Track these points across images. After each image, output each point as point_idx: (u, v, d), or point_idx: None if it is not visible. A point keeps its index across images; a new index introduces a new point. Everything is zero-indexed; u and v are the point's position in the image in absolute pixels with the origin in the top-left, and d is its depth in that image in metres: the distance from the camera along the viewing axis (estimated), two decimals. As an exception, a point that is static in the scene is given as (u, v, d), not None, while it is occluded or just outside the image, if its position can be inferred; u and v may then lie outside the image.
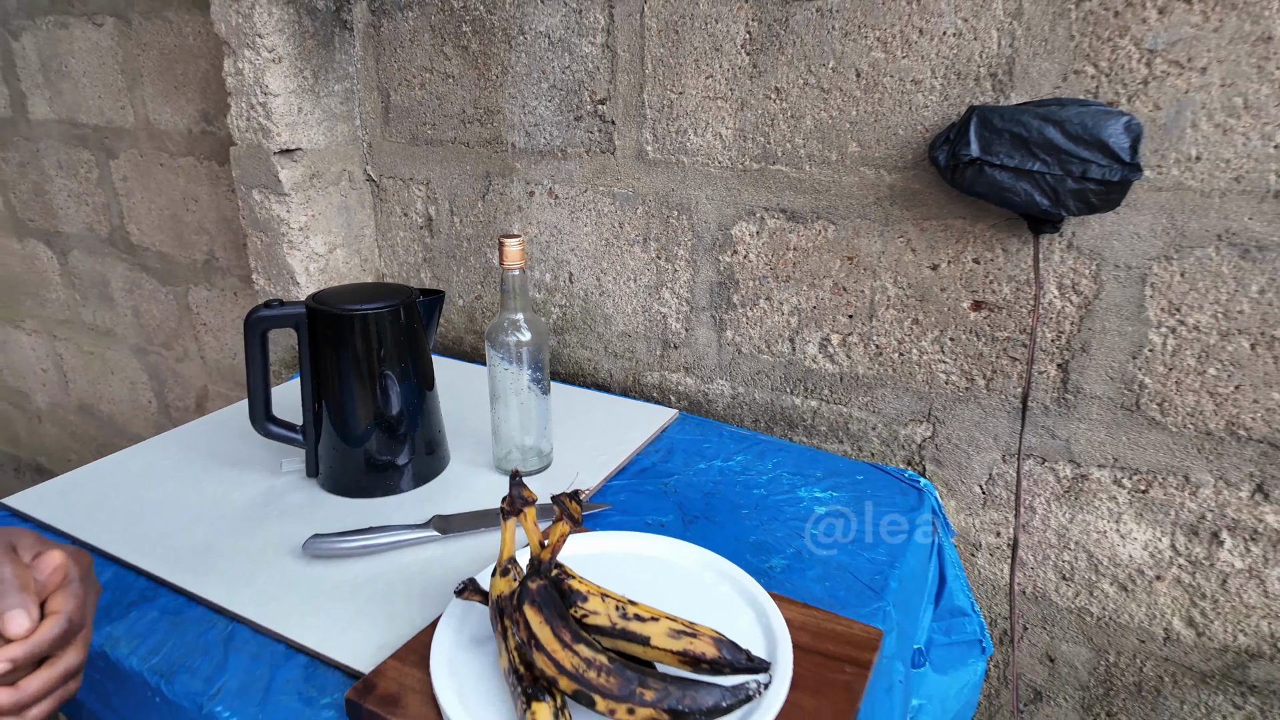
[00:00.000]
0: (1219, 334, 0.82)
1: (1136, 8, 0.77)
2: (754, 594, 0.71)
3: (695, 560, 0.76)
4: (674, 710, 0.54)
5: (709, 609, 0.69)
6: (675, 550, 0.77)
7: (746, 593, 0.71)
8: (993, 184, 0.82)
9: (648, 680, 0.55)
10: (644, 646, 0.59)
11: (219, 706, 0.63)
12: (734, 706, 0.56)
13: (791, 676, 0.62)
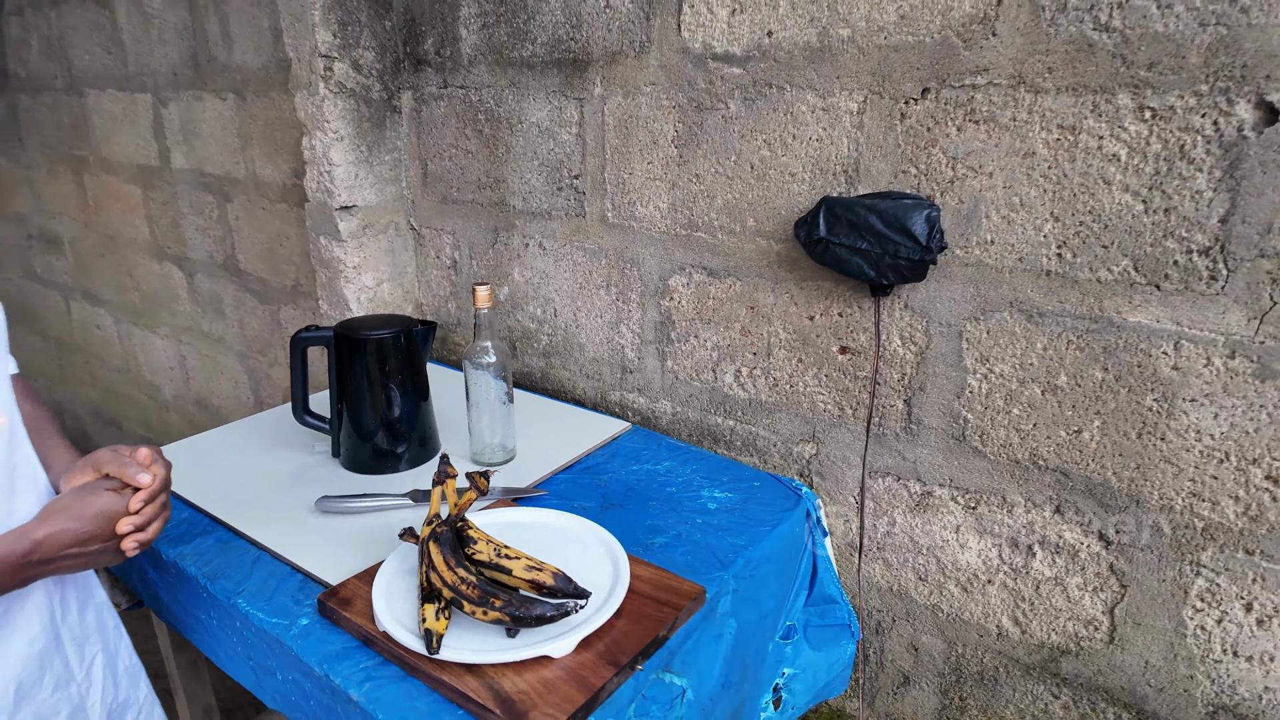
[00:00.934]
0: (1018, 381, 1.02)
1: (942, 125, 0.99)
2: (616, 555, 0.97)
3: (585, 530, 1.03)
4: (513, 615, 0.82)
5: (583, 562, 0.95)
6: (573, 523, 1.04)
7: (612, 554, 0.98)
8: (836, 258, 1.05)
9: (499, 594, 0.83)
10: (508, 576, 0.86)
11: (240, 600, 0.95)
12: (556, 617, 0.83)
13: (619, 608, 0.88)
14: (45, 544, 0.74)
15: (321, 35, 1.45)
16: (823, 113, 1.08)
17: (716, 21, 1.14)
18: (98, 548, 0.78)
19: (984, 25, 0.93)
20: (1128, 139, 0.88)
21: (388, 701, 0.80)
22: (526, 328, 1.55)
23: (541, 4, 1.32)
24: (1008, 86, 0.94)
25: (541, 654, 0.81)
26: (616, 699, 0.81)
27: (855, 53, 1.03)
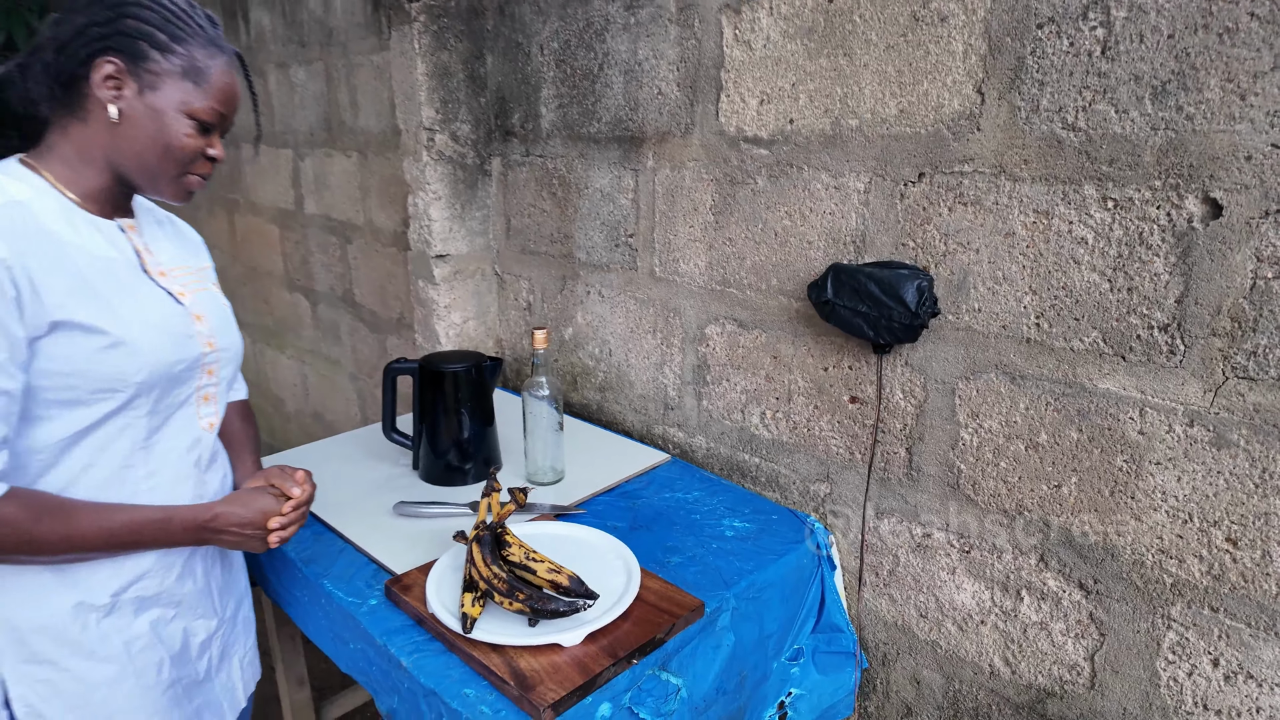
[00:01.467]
0: (1004, 437, 1.12)
1: (935, 205, 1.12)
2: (631, 568, 1.13)
3: (609, 546, 1.20)
4: (533, 607, 0.99)
5: (601, 571, 1.12)
6: (601, 539, 1.21)
7: (628, 567, 1.14)
8: (841, 318, 1.19)
9: (524, 589, 1.01)
10: (533, 575, 1.04)
11: (326, 581, 1.17)
12: (567, 613, 1.00)
13: (625, 611, 1.04)
14: (220, 518, 1.00)
15: (426, 112, 1.71)
16: (835, 190, 1.22)
17: (748, 110, 1.31)
18: (251, 533, 1.02)
19: (970, 121, 1.06)
20: (1094, 225, 0.98)
21: (430, 669, 0.99)
22: (586, 365, 1.75)
23: (606, 90, 1.53)
24: (990, 174, 1.06)
25: (554, 642, 0.98)
26: (614, 686, 0.97)
27: (862, 140, 1.17)
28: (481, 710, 0.92)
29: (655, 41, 1.42)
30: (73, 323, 0.87)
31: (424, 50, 1.68)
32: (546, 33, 1.62)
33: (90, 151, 0.92)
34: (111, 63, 0.88)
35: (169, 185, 0.95)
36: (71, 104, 0.91)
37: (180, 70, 0.91)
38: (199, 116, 0.93)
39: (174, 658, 1.03)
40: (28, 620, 0.91)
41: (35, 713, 0.93)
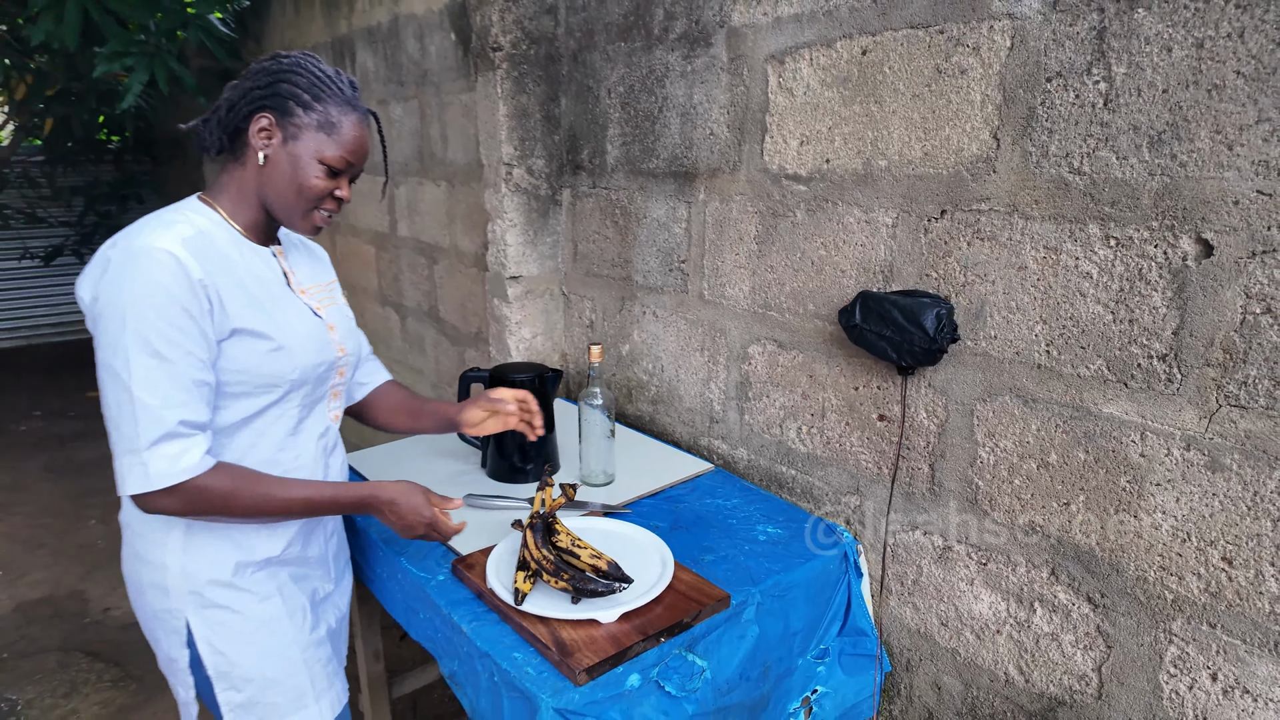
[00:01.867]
0: (1018, 456, 1.20)
1: (955, 239, 1.22)
2: (666, 561, 1.26)
3: (649, 541, 1.33)
4: (575, 586, 1.14)
5: (640, 562, 1.26)
6: (642, 535, 1.35)
7: (664, 560, 1.27)
8: (867, 341, 1.29)
9: (569, 570, 1.15)
10: (577, 559, 1.19)
11: (403, 559, 1.35)
12: (604, 593, 1.14)
13: (658, 597, 1.17)
14: (387, 497, 1.18)
15: (505, 148, 1.91)
16: (865, 224, 1.33)
17: (789, 150, 1.43)
18: (401, 523, 1.19)
19: (986, 164, 1.16)
20: (1098, 261, 1.06)
21: (485, 635, 1.14)
22: (640, 379, 1.89)
23: (664, 130, 1.68)
24: (1005, 213, 1.15)
25: (593, 618, 1.12)
26: (643, 660, 1.10)
27: (890, 179, 1.28)
28: (527, 671, 1.07)
29: (708, 88, 1.57)
30: (247, 330, 1.07)
31: (505, 94, 1.88)
32: (614, 78, 1.79)
33: (246, 190, 1.12)
34: (265, 117, 1.08)
35: (300, 220, 1.13)
36: (235, 151, 1.12)
37: (317, 124, 1.09)
38: (329, 163, 1.10)
39: (312, 607, 1.24)
40: (203, 576, 1.13)
41: (214, 648, 1.15)
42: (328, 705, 1.25)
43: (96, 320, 1.01)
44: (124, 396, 0.99)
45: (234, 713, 1.17)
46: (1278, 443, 0.94)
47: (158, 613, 1.16)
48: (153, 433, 1.00)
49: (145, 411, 0.99)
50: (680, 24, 1.60)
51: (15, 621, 2.68)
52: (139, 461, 1.00)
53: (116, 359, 0.99)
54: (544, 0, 1.89)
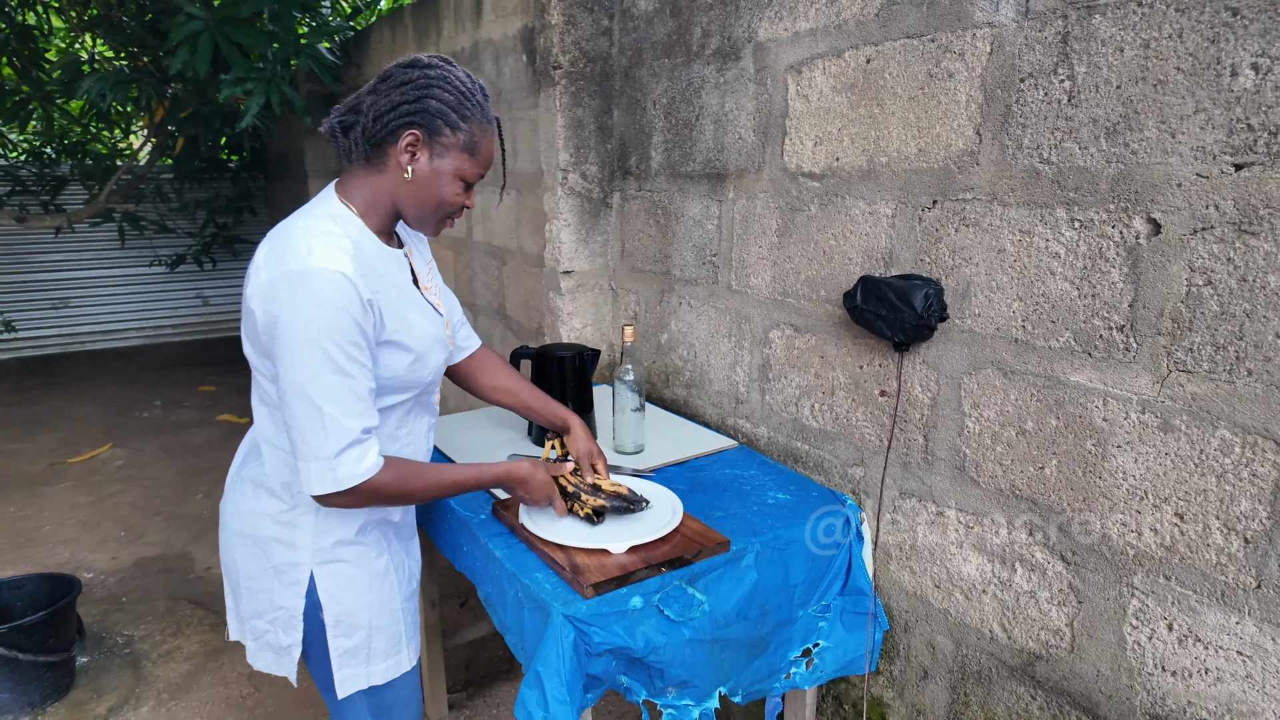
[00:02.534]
0: (999, 424, 1.30)
1: (945, 226, 1.34)
2: (677, 509, 1.42)
3: (665, 496, 1.49)
4: (597, 508, 1.32)
5: (656, 511, 1.42)
6: (660, 491, 1.51)
7: (675, 510, 1.43)
8: (867, 321, 1.43)
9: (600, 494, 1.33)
10: (601, 491, 1.36)
11: (452, 502, 1.55)
12: (625, 511, 1.31)
13: (664, 536, 1.33)
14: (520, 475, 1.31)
15: (562, 156, 2.13)
16: (869, 215, 1.47)
17: (805, 150, 1.59)
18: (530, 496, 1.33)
19: (970, 157, 1.28)
20: (1065, 242, 1.17)
21: (514, 559, 1.33)
22: (676, 365, 2.06)
23: (700, 136, 1.86)
24: (986, 201, 1.27)
25: (604, 548, 1.29)
26: (646, 585, 1.26)
27: (890, 174, 1.42)
28: (545, 586, 1.24)
29: (738, 96, 1.74)
30: (395, 342, 1.16)
31: (563, 107, 2.10)
32: (658, 91, 1.98)
33: (381, 196, 1.17)
34: (413, 134, 1.11)
35: (432, 227, 1.22)
36: (374, 160, 1.15)
37: (462, 144, 1.14)
38: (467, 179, 1.17)
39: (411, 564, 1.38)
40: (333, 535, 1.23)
41: (333, 597, 1.23)
42: (413, 651, 1.38)
43: (278, 339, 1.07)
44: (312, 411, 1.07)
45: (341, 657, 1.26)
46: (1219, 404, 1.03)
47: (279, 566, 1.24)
48: (340, 442, 1.08)
49: (333, 424, 1.07)
50: (715, 40, 1.78)
51: (133, 574, 3.05)
52: (328, 468, 1.09)
53: (305, 378, 1.06)
54: (600, 23, 2.11)
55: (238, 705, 2.26)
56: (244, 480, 1.28)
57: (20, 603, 2.34)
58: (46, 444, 4.74)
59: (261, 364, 1.16)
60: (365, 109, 1.14)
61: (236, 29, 3.39)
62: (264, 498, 1.24)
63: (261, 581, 1.27)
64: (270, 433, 1.22)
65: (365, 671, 1.29)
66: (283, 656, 1.30)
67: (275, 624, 1.28)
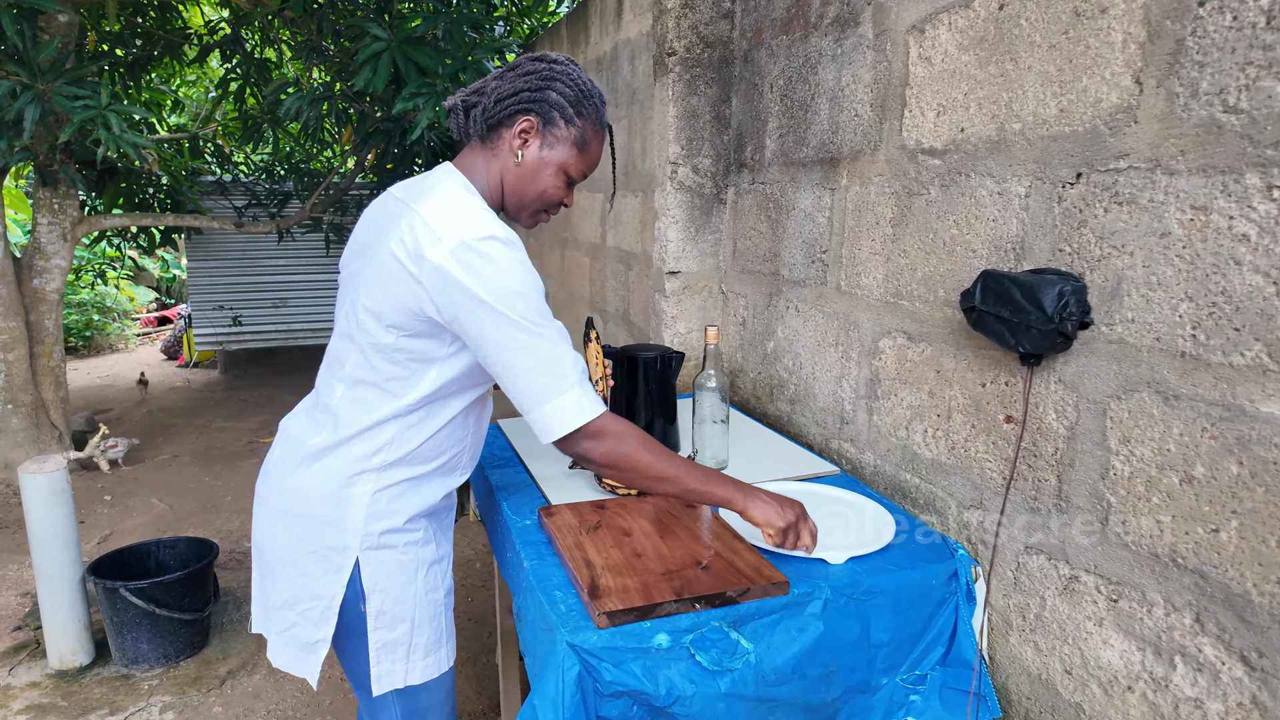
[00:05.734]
0: (1157, 467, 0.97)
1: (1091, 206, 1.04)
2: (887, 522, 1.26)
3: (864, 502, 1.29)
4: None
5: (866, 518, 1.23)
6: (857, 498, 1.31)
7: (885, 522, 1.23)
8: (985, 325, 1.15)
9: None
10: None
11: (505, 504, 1.45)
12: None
13: (709, 565, 1.13)
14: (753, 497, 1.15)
15: (672, 148, 1.99)
16: (998, 196, 1.19)
17: (925, 122, 1.33)
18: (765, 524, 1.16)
19: (1127, 114, 0.98)
20: (1257, 219, 0.85)
21: (540, 573, 1.19)
22: (781, 378, 1.83)
23: (815, 117, 1.64)
24: (1146, 170, 0.96)
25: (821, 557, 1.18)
26: (676, 621, 1.07)
27: (1024, 143, 1.13)
28: (560, 608, 1.09)
29: (855, 68, 1.51)
30: None
31: (676, 96, 1.97)
32: (775, 71, 1.79)
33: (493, 178, 1.16)
34: (529, 120, 1.11)
35: (529, 218, 1.20)
36: (489, 141, 1.15)
37: (573, 139, 1.13)
38: (571, 174, 1.16)
39: (451, 569, 1.31)
40: (386, 515, 1.18)
41: (379, 586, 1.18)
42: (451, 648, 1.30)
43: (483, 299, 1.04)
44: (545, 347, 1.07)
45: (380, 650, 1.20)
46: None
47: (323, 550, 1.17)
48: (576, 372, 1.09)
49: (568, 356, 1.09)
50: (833, 9, 1.57)
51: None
52: (574, 398, 1.08)
53: (528, 322, 1.06)
54: (721, 6, 1.96)
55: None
56: (302, 458, 1.22)
57: (173, 562, 2.56)
58: (251, 424, 5.32)
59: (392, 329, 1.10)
60: (489, 91, 1.14)
61: (414, 48, 3.61)
62: (322, 475, 1.18)
63: (299, 566, 1.22)
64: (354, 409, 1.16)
65: (404, 668, 1.23)
66: (308, 654, 1.23)
67: (306, 615, 1.22)
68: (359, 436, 1.16)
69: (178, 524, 3.52)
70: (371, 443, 1.16)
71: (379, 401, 1.15)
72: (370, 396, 1.15)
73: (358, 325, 1.14)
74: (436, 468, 1.22)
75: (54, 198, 4.03)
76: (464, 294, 1.04)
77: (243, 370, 7.03)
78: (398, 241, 1.07)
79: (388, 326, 1.10)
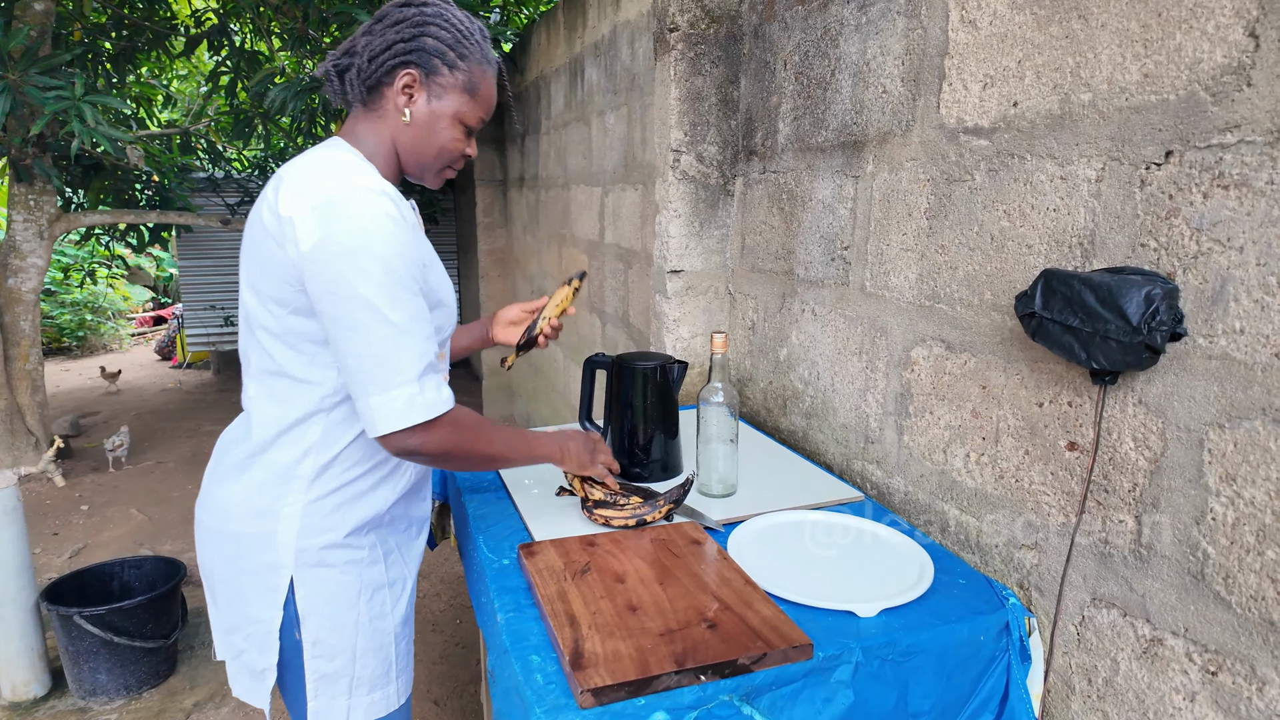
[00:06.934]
0: (1273, 514, 0.78)
1: (1185, 191, 0.85)
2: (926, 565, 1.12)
3: (903, 542, 1.10)
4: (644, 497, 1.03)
5: (905, 559, 1.04)
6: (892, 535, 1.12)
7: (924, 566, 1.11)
8: (1049, 335, 0.96)
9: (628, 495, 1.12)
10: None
11: (481, 537, 1.26)
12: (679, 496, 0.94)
13: (716, 622, 0.95)
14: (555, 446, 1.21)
15: (675, 134, 1.80)
16: (1060, 181, 1.00)
17: (969, 96, 1.14)
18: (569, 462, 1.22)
19: (1237, 75, 0.79)
20: None
21: (515, 629, 1.00)
22: (796, 388, 1.64)
23: (835, 96, 1.45)
24: (1264, 144, 0.77)
25: (849, 609, 1.00)
26: (677, 697, 0.88)
27: (1095, 117, 0.94)
28: (536, 677, 0.91)
29: (883, 38, 1.31)
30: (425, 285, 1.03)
31: (679, 76, 1.78)
32: (789, 46, 1.60)
33: (384, 142, 1.06)
34: (410, 74, 1.02)
35: (433, 177, 1.10)
36: (372, 103, 1.05)
37: (461, 84, 1.04)
38: (467, 123, 1.06)
39: (410, 581, 1.18)
40: (321, 529, 1.06)
41: (315, 609, 1.06)
42: (403, 685, 1.17)
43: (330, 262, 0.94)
44: (387, 330, 0.95)
45: (319, 683, 1.08)
46: None
47: (257, 567, 1.07)
48: (423, 360, 0.97)
49: (413, 343, 0.96)
50: (857, -29, 1.38)
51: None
52: (415, 393, 0.96)
53: (376, 295, 0.94)
54: (728, -25, 1.77)
55: None
56: (228, 468, 1.11)
57: (138, 584, 2.38)
58: (238, 429, 5.10)
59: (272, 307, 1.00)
60: (360, 50, 1.04)
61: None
62: (249, 488, 1.08)
63: (236, 586, 1.10)
64: (267, 407, 1.06)
65: (345, 704, 1.09)
66: (257, 682, 1.11)
67: (250, 640, 1.10)
68: (281, 439, 1.05)
69: (156, 536, 3.35)
70: (297, 445, 1.04)
71: (292, 394, 1.03)
72: (281, 388, 1.04)
73: (246, 309, 1.05)
74: (376, 470, 1.09)
75: (30, 194, 3.86)
76: (313, 251, 0.94)
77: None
78: (264, 204, 1.01)
79: (267, 303, 1.01)
